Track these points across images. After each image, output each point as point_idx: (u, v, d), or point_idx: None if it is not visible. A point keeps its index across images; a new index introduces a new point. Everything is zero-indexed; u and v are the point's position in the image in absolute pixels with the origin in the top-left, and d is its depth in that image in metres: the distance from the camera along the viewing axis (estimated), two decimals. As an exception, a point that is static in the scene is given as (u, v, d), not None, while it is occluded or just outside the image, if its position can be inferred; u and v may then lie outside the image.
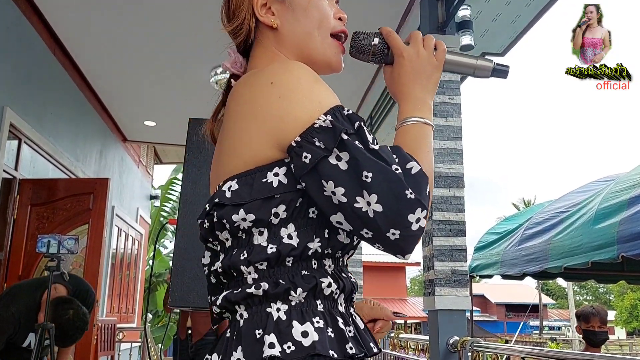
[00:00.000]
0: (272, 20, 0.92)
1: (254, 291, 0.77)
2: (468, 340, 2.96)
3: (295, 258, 0.79)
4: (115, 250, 7.12)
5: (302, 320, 0.76)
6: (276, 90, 0.78)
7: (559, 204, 4.72)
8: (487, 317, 36.11)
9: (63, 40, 4.73)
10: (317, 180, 0.74)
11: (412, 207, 0.72)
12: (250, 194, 0.78)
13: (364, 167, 0.72)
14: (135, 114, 6.52)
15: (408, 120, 0.88)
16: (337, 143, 0.73)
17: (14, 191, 4.44)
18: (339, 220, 0.76)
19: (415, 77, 0.90)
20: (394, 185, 0.72)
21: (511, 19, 4.18)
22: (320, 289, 0.79)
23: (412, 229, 0.73)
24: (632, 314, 36.12)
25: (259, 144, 0.79)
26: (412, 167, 0.76)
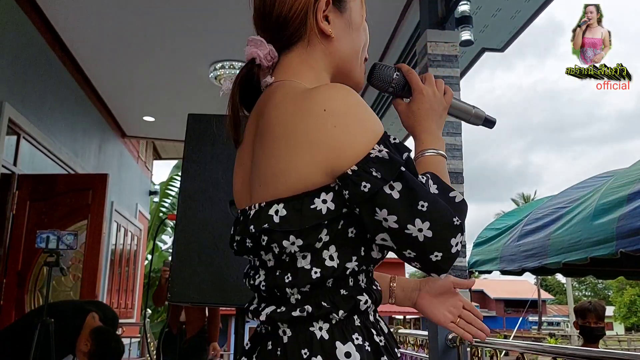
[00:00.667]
0: (330, 30, 0.93)
1: (299, 314, 0.80)
2: (467, 336, 2.96)
3: (335, 279, 0.81)
4: (115, 245, 7.12)
5: (344, 340, 0.79)
6: (330, 119, 0.78)
7: (558, 199, 4.72)
8: (486, 313, 36.19)
9: (62, 35, 4.72)
10: (371, 207, 0.77)
11: (455, 233, 0.78)
12: (300, 220, 0.79)
13: (420, 197, 0.76)
14: (134, 109, 6.51)
15: (428, 150, 0.96)
16: (392, 173, 0.76)
17: (13, 187, 4.43)
18: (384, 238, 0.79)
19: (433, 114, 0.99)
20: (447, 214, 0.78)
21: (511, 15, 4.17)
22: (358, 306, 0.82)
23: (452, 252, 0.79)
24: (630, 309, 36.23)
25: (309, 170, 0.79)
26: (456, 197, 0.84)
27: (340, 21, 0.94)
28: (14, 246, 4.40)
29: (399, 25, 4.49)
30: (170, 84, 5.59)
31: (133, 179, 8.22)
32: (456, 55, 3.69)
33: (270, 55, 0.94)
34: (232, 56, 4.89)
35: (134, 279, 8.30)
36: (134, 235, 8.18)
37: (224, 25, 4.40)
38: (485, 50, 4.71)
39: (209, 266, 1.69)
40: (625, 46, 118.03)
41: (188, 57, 4.98)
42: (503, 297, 37.00)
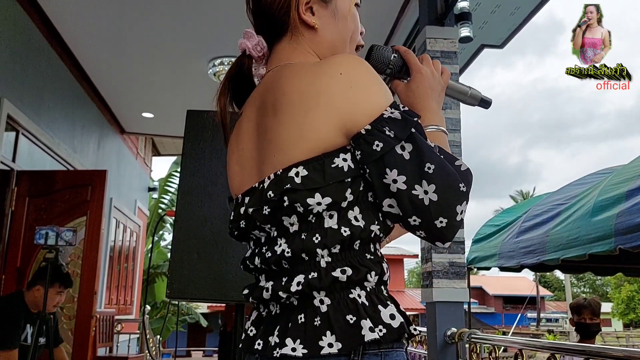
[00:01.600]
0: (314, 21, 0.96)
1: (340, 276, 0.80)
2: (465, 332, 2.97)
3: (362, 241, 0.83)
4: (114, 242, 7.13)
5: (384, 305, 0.81)
6: (347, 80, 0.82)
7: (557, 196, 4.73)
8: (485, 309, 36.25)
9: (60, 32, 4.71)
10: (382, 167, 0.79)
11: (461, 199, 0.79)
12: (324, 178, 0.81)
13: (427, 158, 0.78)
14: (133, 105, 6.50)
15: (428, 127, 0.94)
16: (404, 134, 0.79)
17: (12, 183, 4.43)
18: (390, 204, 0.81)
19: (431, 92, 0.99)
20: (452, 178, 0.79)
21: (510, 11, 4.16)
22: (384, 273, 0.85)
23: (457, 219, 0.79)
24: (628, 306, 36.29)
25: (327, 131, 0.82)
26: (461, 165, 0.84)
27: (325, 12, 0.97)
28: (13, 242, 4.40)
29: (398, 21, 4.48)
30: (169, 80, 5.58)
31: (132, 175, 8.21)
32: (455, 51, 3.68)
33: (259, 46, 0.98)
34: (231, 52, 4.88)
35: (133, 276, 8.31)
36: (133, 232, 8.18)
37: (222, 21, 4.39)
38: (485, 47, 4.70)
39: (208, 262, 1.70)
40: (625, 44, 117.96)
41: (187, 53, 4.97)
42: (502, 294, 37.04)
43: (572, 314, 3.74)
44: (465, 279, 3.42)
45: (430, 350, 3.30)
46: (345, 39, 0.99)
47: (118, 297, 7.41)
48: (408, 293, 27.07)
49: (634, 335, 28.45)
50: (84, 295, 4.45)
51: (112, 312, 6.43)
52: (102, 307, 6.48)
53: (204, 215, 1.72)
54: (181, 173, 1.79)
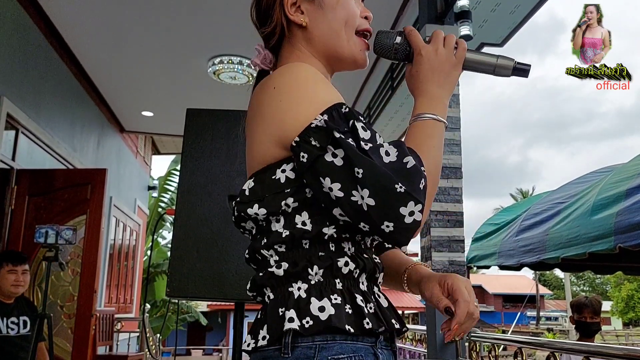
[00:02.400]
0: (302, 19, 0.96)
1: (275, 271, 0.83)
2: (465, 330, 2.97)
3: (312, 241, 0.84)
4: (114, 240, 7.13)
5: (319, 297, 0.80)
6: (277, 94, 0.84)
7: (557, 194, 4.73)
8: (485, 308, 36.28)
9: (60, 30, 4.70)
10: (316, 178, 0.78)
11: (403, 201, 0.75)
12: (261, 189, 0.85)
13: (355, 163, 0.75)
14: (133, 104, 6.49)
15: (420, 116, 0.90)
16: (330, 141, 0.77)
17: (12, 181, 4.43)
18: (340, 212, 0.80)
19: (432, 74, 0.92)
20: (383, 180, 0.75)
21: (510, 10, 4.16)
22: (338, 267, 0.83)
23: (406, 222, 0.76)
24: (628, 304, 36.31)
25: (267, 144, 0.85)
26: (408, 162, 0.78)
27: (312, 6, 0.96)
28: (12, 241, 4.39)
29: (398, 20, 4.48)
30: (168, 78, 5.58)
31: (132, 174, 8.21)
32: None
33: (267, 59, 1.01)
34: (231, 51, 4.88)
35: (133, 274, 8.31)
36: (132, 230, 8.18)
37: (222, 20, 4.39)
38: (484, 45, 4.70)
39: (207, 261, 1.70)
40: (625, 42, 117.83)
41: (187, 51, 4.96)
42: (501, 292, 37.06)
43: (572, 312, 3.74)
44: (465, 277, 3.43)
45: (429, 349, 3.30)
46: (337, 29, 0.96)
47: (118, 296, 7.41)
48: (408, 292, 27.01)
49: (634, 334, 28.47)
50: (84, 294, 4.45)
51: (112, 311, 6.43)
52: (102, 306, 6.48)
53: (203, 214, 1.72)
54: (181, 172, 1.79)
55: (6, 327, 3.26)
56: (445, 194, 3.49)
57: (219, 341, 19.66)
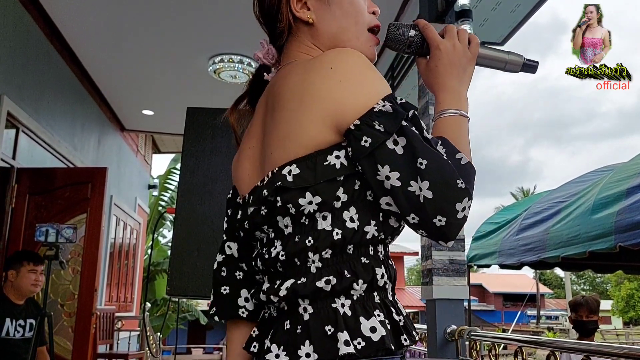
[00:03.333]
0: (309, 16, 0.93)
1: (324, 286, 0.78)
2: (465, 329, 2.97)
3: (356, 244, 0.80)
4: (114, 239, 7.13)
5: (367, 315, 0.77)
6: (336, 75, 0.79)
7: (557, 193, 4.73)
8: (485, 307, 36.27)
9: (60, 28, 4.70)
10: (373, 164, 0.75)
11: (461, 196, 0.74)
12: (314, 177, 0.79)
13: (419, 153, 0.73)
14: (133, 103, 6.49)
15: (446, 112, 0.89)
16: (395, 128, 0.75)
17: (12, 180, 4.43)
18: (388, 202, 0.77)
19: (452, 69, 0.91)
20: (447, 174, 0.73)
21: (511, 8, 4.15)
22: (376, 280, 0.81)
23: (458, 217, 0.74)
24: (628, 303, 36.30)
25: (318, 127, 0.80)
26: (462, 158, 0.78)
27: (318, 3, 0.94)
28: (13, 240, 4.40)
29: (398, 18, 4.47)
30: (169, 77, 5.57)
31: (132, 173, 8.21)
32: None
33: (270, 54, 0.99)
34: (231, 49, 4.87)
35: (133, 273, 8.32)
36: (133, 229, 8.18)
37: (223, 19, 4.38)
38: (485, 44, 4.70)
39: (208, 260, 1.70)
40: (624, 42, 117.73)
41: (187, 50, 4.96)
42: (502, 291, 37.06)
43: (570, 312, 3.75)
44: (465, 276, 3.43)
45: (430, 348, 3.30)
46: (346, 26, 0.94)
47: (118, 295, 7.41)
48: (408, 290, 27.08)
49: (634, 333, 28.47)
50: (85, 293, 4.46)
51: (113, 310, 6.44)
52: (103, 305, 6.49)
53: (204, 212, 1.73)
54: (181, 171, 1.79)
55: (14, 329, 3.26)
56: (445, 192, 3.49)
57: (220, 340, 19.68)
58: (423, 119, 3.71)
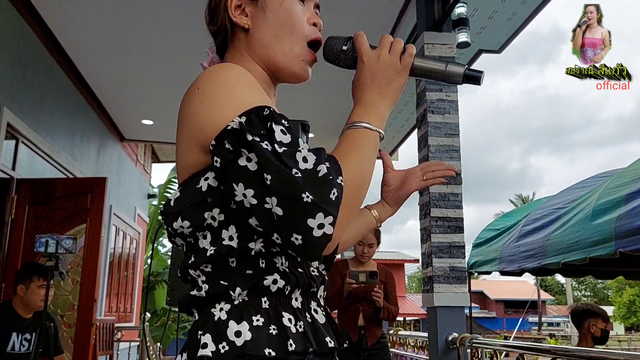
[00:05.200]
0: (244, 22, 0.91)
1: (197, 293, 0.80)
2: (467, 337, 2.96)
3: (239, 258, 0.79)
4: (114, 249, 7.12)
5: (239, 320, 0.77)
6: (200, 96, 0.78)
7: (557, 200, 4.73)
8: (486, 314, 36.18)
9: (60, 39, 4.72)
10: (229, 183, 0.73)
11: (311, 212, 0.69)
12: (185, 200, 0.80)
13: (264, 168, 0.70)
14: (133, 112, 6.50)
15: (353, 125, 0.84)
16: (244, 144, 0.72)
17: (12, 191, 4.43)
18: (256, 223, 0.75)
19: (373, 81, 0.87)
20: (290, 188, 0.69)
21: (507, 16, 4.18)
22: (264, 286, 0.79)
23: (314, 235, 0.70)
24: (630, 309, 36.22)
25: (191, 150, 0.80)
26: (320, 170, 0.72)
27: (255, 9, 0.92)
28: (13, 251, 4.39)
29: (396, 27, 4.49)
30: (168, 87, 5.59)
31: (132, 183, 8.22)
32: (453, 57, 3.70)
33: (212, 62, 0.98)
34: (230, 59, 4.89)
35: (133, 283, 8.30)
36: (132, 239, 8.17)
37: (221, 29, 4.40)
38: (483, 52, 4.72)
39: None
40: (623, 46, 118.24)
41: (186, 60, 4.97)
42: (503, 298, 36.97)
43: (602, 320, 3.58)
44: (466, 283, 3.42)
45: (431, 356, 3.29)
46: (279, 34, 0.91)
47: (118, 305, 7.39)
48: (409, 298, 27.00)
49: (636, 339, 28.38)
50: (84, 303, 4.45)
51: (112, 320, 6.41)
52: (102, 315, 6.47)
53: (204, 222, 1.73)
54: (181, 180, 1.79)
55: (19, 343, 3.25)
56: (445, 200, 3.49)
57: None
58: (421, 126, 3.72)
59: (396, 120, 6.33)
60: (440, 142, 3.55)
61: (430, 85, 3.60)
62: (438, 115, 3.59)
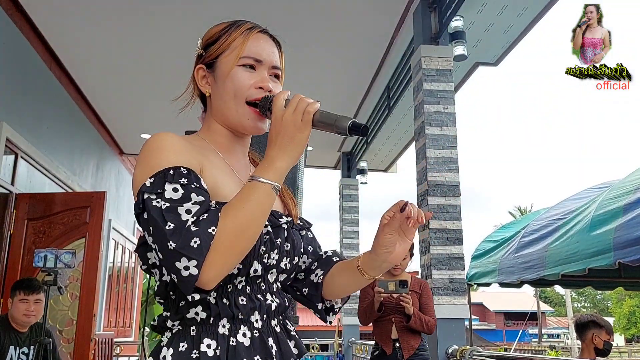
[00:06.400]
0: (206, 90, 1.10)
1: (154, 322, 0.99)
2: (467, 349, 2.96)
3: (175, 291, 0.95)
4: (112, 263, 7.10)
5: (168, 346, 0.94)
6: (138, 160, 0.97)
7: (555, 211, 4.74)
8: (486, 326, 36.01)
9: (59, 55, 4.75)
10: (142, 230, 0.92)
11: (176, 257, 0.85)
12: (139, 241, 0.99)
13: (151, 221, 0.87)
14: (132, 126, 6.53)
15: (250, 178, 0.93)
16: (142, 201, 0.89)
17: (11, 206, 4.43)
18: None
19: (276, 138, 0.95)
20: (161, 238, 0.86)
21: (503, 29, 4.22)
22: (188, 318, 0.95)
23: (183, 275, 0.85)
24: (630, 320, 36.09)
25: None
26: (187, 222, 0.86)
27: (212, 78, 1.10)
28: (11, 265, 4.38)
29: (393, 41, 4.53)
30: (167, 101, 5.61)
31: (131, 196, 8.19)
32: (450, 69, 3.73)
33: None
34: (229, 73, 4.92)
35: (132, 297, 8.26)
36: (132, 253, 8.15)
37: (220, 43, 4.44)
38: (479, 65, 4.76)
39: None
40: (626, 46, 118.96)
41: (185, 74, 5.00)
42: (503, 310, 36.83)
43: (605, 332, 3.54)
44: (465, 295, 3.42)
45: (432, 368, 3.28)
46: (226, 99, 1.05)
47: (117, 319, 7.35)
48: (408, 311, 26.87)
49: (636, 350, 28.25)
50: (83, 318, 4.43)
51: (111, 335, 6.37)
52: (101, 330, 6.43)
53: (204, 235, 1.73)
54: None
55: (17, 357, 3.23)
56: (443, 211, 3.50)
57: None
58: (419, 138, 3.74)
59: (394, 133, 6.36)
60: (438, 154, 3.57)
61: (428, 98, 3.63)
62: (436, 127, 3.62)
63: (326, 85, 5.29)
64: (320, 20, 4.28)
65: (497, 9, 3.97)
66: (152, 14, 4.19)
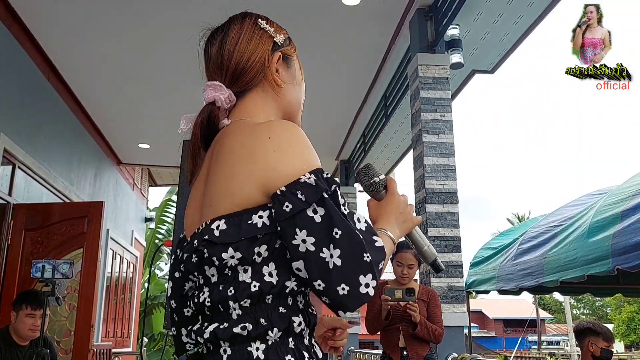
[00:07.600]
0: (281, 80, 1.07)
1: (240, 332, 0.86)
2: (467, 357, 2.95)
3: (274, 296, 0.87)
4: (110, 273, 7.07)
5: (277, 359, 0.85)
6: (272, 145, 0.89)
7: (553, 217, 4.74)
8: (485, 333, 35.90)
9: (56, 65, 4.76)
10: (292, 227, 0.84)
11: (365, 270, 0.83)
12: (238, 234, 0.87)
13: (336, 224, 0.83)
14: (130, 137, 6.53)
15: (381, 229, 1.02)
16: (318, 199, 0.84)
17: (8, 216, 4.42)
18: (298, 267, 0.85)
19: (397, 212, 1.07)
20: (356, 246, 0.83)
21: (499, 37, 4.25)
22: (292, 328, 0.88)
23: (360, 291, 0.82)
24: (629, 326, 36.02)
25: (249, 188, 0.89)
26: (377, 241, 0.89)
27: (287, 74, 1.09)
28: (9, 276, 4.36)
29: (390, 49, 4.56)
30: (164, 111, 5.63)
31: (129, 206, 8.20)
32: (447, 77, 3.75)
33: (229, 99, 1.06)
34: (226, 82, 4.94)
35: (130, 307, 8.22)
36: (129, 263, 8.12)
37: (217, 53, 4.46)
38: (476, 72, 4.78)
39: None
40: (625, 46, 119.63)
41: (182, 84, 5.02)
42: (502, 317, 36.74)
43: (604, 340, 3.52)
44: (464, 302, 3.42)
45: (431, 376, 3.26)
46: (300, 101, 1.11)
47: (115, 330, 7.32)
48: (408, 319, 26.80)
49: (636, 357, 28.17)
50: (81, 329, 4.41)
51: (109, 345, 6.34)
52: (99, 341, 6.40)
53: (202, 244, 1.73)
54: (178, 203, 1.80)
55: None
56: (441, 219, 3.50)
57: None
58: (417, 146, 3.74)
59: (392, 141, 6.38)
60: (436, 162, 3.58)
61: (425, 106, 3.64)
62: (433, 135, 3.63)
63: (324, 93, 5.31)
64: (317, 29, 4.30)
65: (493, 17, 4.00)
66: (149, 25, 4.21)
